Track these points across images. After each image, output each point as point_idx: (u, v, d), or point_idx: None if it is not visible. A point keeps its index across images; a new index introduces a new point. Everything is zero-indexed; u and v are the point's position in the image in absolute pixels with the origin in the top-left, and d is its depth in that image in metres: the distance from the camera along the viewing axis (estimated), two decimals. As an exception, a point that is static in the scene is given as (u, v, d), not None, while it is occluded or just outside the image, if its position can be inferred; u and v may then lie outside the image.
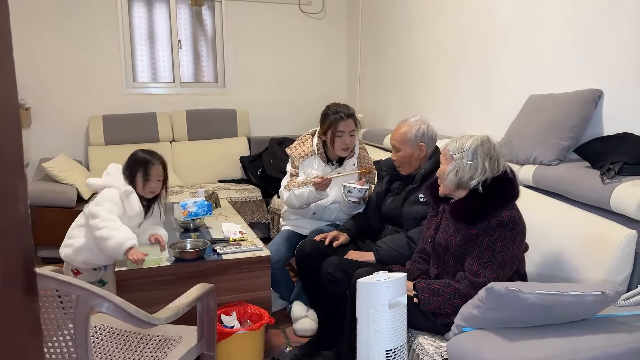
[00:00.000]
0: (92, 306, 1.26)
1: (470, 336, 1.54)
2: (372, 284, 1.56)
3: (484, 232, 1.75)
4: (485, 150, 1.80)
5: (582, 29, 2.31)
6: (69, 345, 1.30)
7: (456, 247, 1.82)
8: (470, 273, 1.76)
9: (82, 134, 4.48)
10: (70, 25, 4.31)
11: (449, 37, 3.36)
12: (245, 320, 2.33)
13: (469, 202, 1.81)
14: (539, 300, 1.45)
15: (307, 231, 2.77)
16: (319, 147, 2.79)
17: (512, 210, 1.77)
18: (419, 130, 2.34)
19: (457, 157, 1.82)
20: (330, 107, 2.74)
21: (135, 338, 1.71)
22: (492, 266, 1.73)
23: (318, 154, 2.78)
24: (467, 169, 1.79)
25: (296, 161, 2.81)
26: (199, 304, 1.60)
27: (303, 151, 2.83)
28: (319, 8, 4.98)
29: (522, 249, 1.85)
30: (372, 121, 4.60)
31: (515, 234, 1.75)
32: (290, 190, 2.73)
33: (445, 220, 1.92)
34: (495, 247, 1.73)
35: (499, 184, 1.80)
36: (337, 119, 2.66)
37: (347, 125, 2.68)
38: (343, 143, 2.69)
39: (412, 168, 2.37)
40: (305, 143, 2.85)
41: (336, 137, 2.68)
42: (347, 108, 2.72)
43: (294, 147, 2.88)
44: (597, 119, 2.24)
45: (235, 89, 4.90)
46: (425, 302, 1.80)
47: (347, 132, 2.68)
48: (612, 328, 1.50)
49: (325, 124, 2.71)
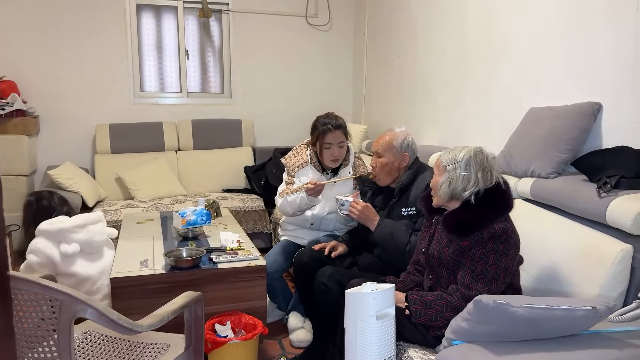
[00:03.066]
0: (75, 311, 1.26)
1: (458, 350, 1.52)
2: (359, 294, 1.55)
3: (476, 244, 1.74)
4: (478, 161, 1.80)
5: (581, 42, 2.30)
6: (52, 351, 1.31)
7: (449, 259, 1.81)
8: (463, 286, 1.75)
9: (89, 143, 4.53)
10: (79, 35, 4.39)
11: (452, 49, 3.36)
12: (239, 329, 2.32)
13: (461, 213, 1.80)
14: (528, 314, 1.43)
15: (306, 241, 2.77)
16: (312, 156, 2.79)
17: (505, 223, 1.76)
18: (405, 141, 2.39)
19: (450, 169, 1.81)
20: (319, 119, 2.73)
21: (124, 345, 1.71)
22: (485, 279, 1.72)
23: (312, 164, 2.79)
24: (459, 180, 1.79)
25: (291, 171, 2.83)
26: (186, 312, 1.60)
27: (298, 161, 2.83)
28: (326, 20, 5.02)
29: (515, 262, 1.82)
30: (376, 132, 4.58)
31: (508, 246, 1.73)
32: (283, 197, 2.73)
33: (438, 232, 1.91)
34: (487, 259, 1.72)
35: (492, 196, 1.79)
36: (325, 130, 2.65)
37: (335, 137, 2.66)
38: (331, 155, 2.69)
39: (389, 178, 2.39)
40: (300, 153, 2.86)
41: (324, 149, 2.68)
42: (335, 119, 2.70)
43: (289, 157, 2.89)
44: (596, 132, 2.22)
45: (241, 100, 4.94)
46: (417, 314, 1.78)
47: (336, 144, 2.67)
48: (602, 344, 1.47)
49: (314, 135, 2.72)
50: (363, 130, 4.50)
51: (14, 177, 4.03)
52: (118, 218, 3.63)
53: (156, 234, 2.85)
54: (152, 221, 3.18)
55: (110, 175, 4.27)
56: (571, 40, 2.36)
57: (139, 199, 4.10)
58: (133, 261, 2.38)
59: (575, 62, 2.35)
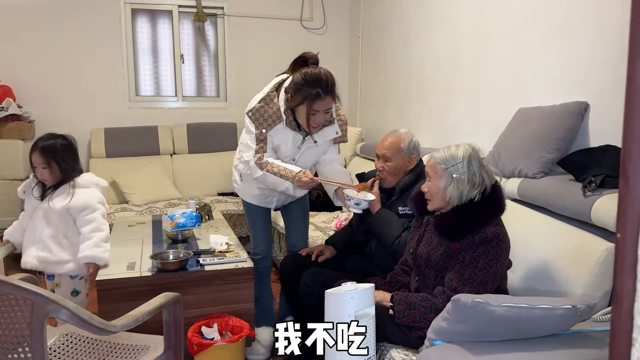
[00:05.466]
0: (47, 312, 1.26)
1: (438, 350, 1.50)
2: (337, 294, 1.54)
3: (467, 248, 1.70)
4: (479, 158, 1.75)
5: (568, 42, 2.29)
6: (25, 351, 1.30)
7: (437, 261, 1.78)
8: (450, 289, 1.71)
9: (85, 147, 4.53)
10: (74, 39, 4.40)
11: (444, 52, 3.36)
12: (226, 332, 2.31)
13: (454, 216, 1.74)
14: (507, 313, 1.42)
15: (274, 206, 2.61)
16: (287, 113, 2.29)
17: (497, 227, 1.72)
18: (411, 142, 2.32)
19: (453, 170, 1.72)
20: (308, 77, 2.20)
21: (104, 346, 1.71)
22: (473, 283, 1.68)
23: (287, 123, 2.30)
24: (465, 181, 1.71)
25: (264, 126, 2.29)
26: (165, 313, 1.59)
27: (270, 116, 2.29)
28: (321, 24, 5.02)
29: (504, 267, 1.79)
30: (371, 135, 4.59)
31: (499, 251, 1.70)
32: (263, 172, 2.29)
33: (428, 233, 1.88)
34: (477, 264, 1.68)
35: (486, 197, 1.74)
36: (314, 96, 2.18)
37: (325, 104, 2.23)
38: (315, 121, 2.26)
39: (396, 180, 2.34)
40: (270, 105, 2.30)
41: (310, 115, 2.22)
42: (327, 80, 2.20)
43: (258, 110, 2.29)
44: (584, 132, 2.21)
45: (237, 103, 4.93)
46: (401, 314, 1.76)
47: (322, 111, 2.24)
48: (582, 343, 1.45)
49: (297, 96, 2.21)
50: (358, 133, 4.50)
51: (8, 182, 4.04)
52: (111, 222, 3.62)
53: (146, 237, 2.85)
54: (144, 224, 3.18)
55: (105, 179, 4.23)
56: (558, 40, 2.36)
57: (134, 203, 4.10)
58: (120, 264, 2.38)
59: (563, 62, 2.34)
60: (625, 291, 0.63)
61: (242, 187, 2.57)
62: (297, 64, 2.36)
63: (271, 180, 2.29)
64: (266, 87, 2.39)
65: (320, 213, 3.73)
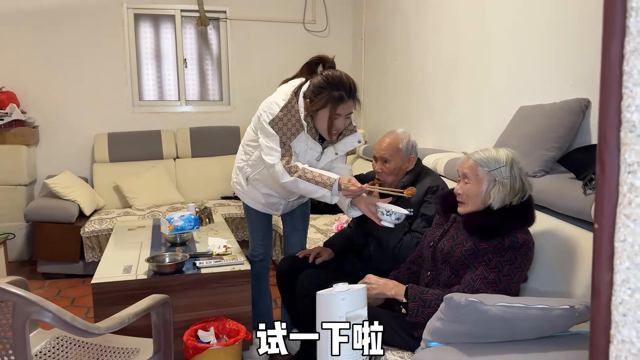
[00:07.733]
0: (29, 313, 1.24)
1: (432, 352, 1.46)
2: (329, 295, 1.51)
3: (494, 250, 1.64)
4: (519, 163, 1.70)
5: (569, 39, 2.25)
6: (9, 354, 1.28)
7: (459, 256, 1.71)
8: (470, 289, 1.64)
9: (88, 152, 4.55)
10: (77, 45, 4.43)
11: (446, 52, 3.33)
12: (222, 335, 2.28)
13: (484, 217, 1.69)
14: (502, 313, 1.38)
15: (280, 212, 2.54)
16: (307, 120, 2.17)
17: (528, 235, 1.67)
18: (409, 142, 2.28)
19: (497, 173, 1.66)
20: (330, 79, 2.10)
21: (95, 350, 1.69)
22: (495, 288, 1.62)
23: (308, 130, 2.18)
24: (508, 186, 1.65)
25: (288, 138, 2.17)
26: (154, 316, 1.57)
27: (293, 125, 2.16)
28: (323, 26, 5.01)
29: (523, 278, 1.74)
30: (374, 137, 4.55)
31: (525, 260, 1.65)
32: (294, 177, 2.12)
33: (454, 229, 1.81)
34: (502, 269, 1.63)
35: (519, 205, 1.68)
36: (337, 99, 2.08)
37: (348, 108, 2.14)
38: (337, 127, 2.16)
39: (395, 180, 2.31)
40: (292, 113, 2.17)
41: (334, 120, 2.12)
42: (349, 82, 2.12)
43: (281, 119, 2.15)
44: (585, 129, 2.16)
45: (240, 107, 4.93)
46: (414, 312, 1.67)
47: (344, 115, 2.15)
48: (581, 345, 1.40)
49: (319, 99, 2.09)
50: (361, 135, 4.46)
51: (13, 187, 4.06)
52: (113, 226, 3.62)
53: (145, 241, 2.84)
54: (144, 228, 3.16)
55: (109, 183, 4.29)
56: (559, 37, 2.32)
57: (136, 207, 4.10)
58: (117, 267, 2.37)
59: (563, 59, 2.30)
60: (602, 285, 0.59)
61: (247, 192, 2.47)
62: (309, 67, 2.25)
63: (304, 186, 2.12)
64: (279, 90, 2.26)
65: (322, 216, 3.70)
